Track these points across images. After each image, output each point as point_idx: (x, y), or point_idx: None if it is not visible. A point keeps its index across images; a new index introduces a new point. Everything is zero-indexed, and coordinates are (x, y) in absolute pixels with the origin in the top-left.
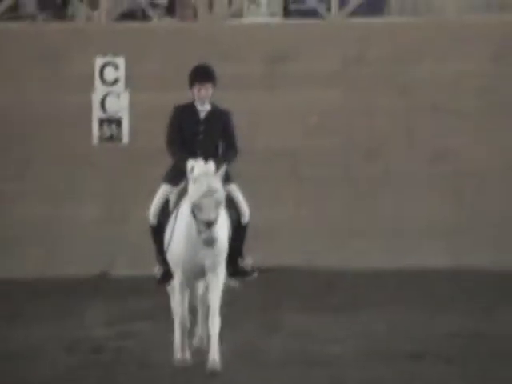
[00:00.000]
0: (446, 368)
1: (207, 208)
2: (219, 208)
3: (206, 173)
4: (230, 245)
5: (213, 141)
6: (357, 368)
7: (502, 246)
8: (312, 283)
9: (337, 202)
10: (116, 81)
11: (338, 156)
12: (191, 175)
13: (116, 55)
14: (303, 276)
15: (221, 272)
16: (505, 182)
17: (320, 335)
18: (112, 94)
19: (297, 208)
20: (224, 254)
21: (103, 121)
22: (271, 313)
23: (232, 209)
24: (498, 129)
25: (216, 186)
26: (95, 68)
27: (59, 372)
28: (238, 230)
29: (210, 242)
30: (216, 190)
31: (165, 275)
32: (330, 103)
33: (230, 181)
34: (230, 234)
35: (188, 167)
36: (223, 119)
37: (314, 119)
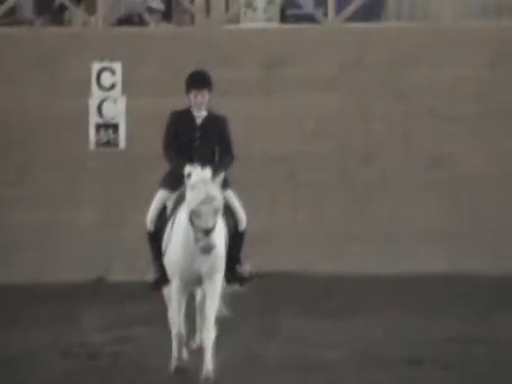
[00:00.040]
0: (444, 373)
1: (205, 215)
2: (217, 215)
3: (204, 180)
4: (228, 252)
5: (209, 147)
6: (354, 373)
7: (499, 251)
8: (309, 288)
9: (333, 207)
10: (113, 86)
11: (335, 161)
12: (189, 181)
13: (113, 60)
14: (300, 281)
15: (218, 280)
16: (501, 188)
17: (317, 340)
18: (109, 100)
19: (293, 213)
20: (221, 262)
21: (100, 126)
22: (268, 318)
23: (228, 216)
24: (495, 134)
25: (214, 194)
26: (92, 73)
27: (56, 377)
28: (235, 237)
29: (208, 250)
30: (214, 198)
31: (158, 281)
32: (327, 108)
33: (226, 187)
34: (227, 242)
35: (185, 173)
36: (219, 125)
37: (311, 124)
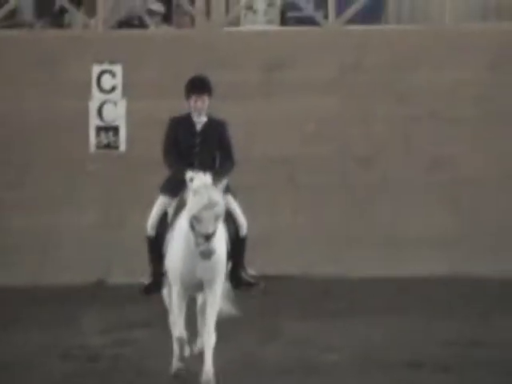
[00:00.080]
0: (444, 376)
1: (206, 221)
2: (218, 221)
3: (207, 185)
4: (231, 258)
5: (209, 153)
6: (354, 376)
7: (500, 254)
8: (309, 291)
9: (334, 210)
10: (113, 89)
11: (336, 163)
12: (191, 186)
13: (113, 63)
14: (301, 283)
15: (218, 285)
16: (502, 190)
17: (318, 343)
18: (109, 102)
19: (294, 215)
20: (222, 268)
21: (100, 129)
22: (269, 320)
23: (229, 221)
24: (496, 137)
25: (216, 199)
26: (92, 76)
27: (56, 380)
28: (237, 243)
29: (207, 255)
30: (216, 203)
31: (151, 286)
32: (327, 111)
33: (227, 192)
34: (228, 247)
35: (187, 178)
36: (219, 130)
37: (311, 126)
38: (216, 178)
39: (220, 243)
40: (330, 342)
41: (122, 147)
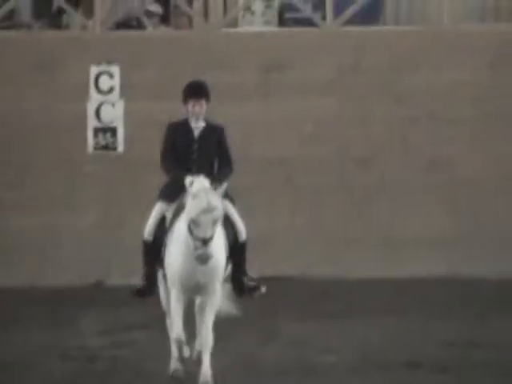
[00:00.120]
0: (442, 377)
1: (204, 225)
2: (216, 225)
3: (206, 189)
4: (231, 264)
5: (207, 159)
6: (352, 377)
7: (498, 255)
8: (308, 292)
9: (332, 211)
10: (111, 90)
11: (334, 164)
12: (190, 190)
13: (111, 64)
14: (299, 285)
15: (216, 289)
16: (500, 191)
17: (316, 344)
18: (107, 103)
19: (292, 217)
20: (221, 271)
21: (98, 130)
22: (267, 321)
23: (228, 226)
24: (494, 138)
25: (215, 204)
26: (90, 77)
27: (54, 381)
28: (237, 249)
29: (204, 259)
30: (215, 208)
31: (143, 289)
32: (325, 112)
33: (225, 197)
34: (228, 253)
35: (186, 183)
36: (217, 136)
37: (309, 128)
38: (215, 183)
39: (218, 247)
40: (329, 343)
41: (120, 148)
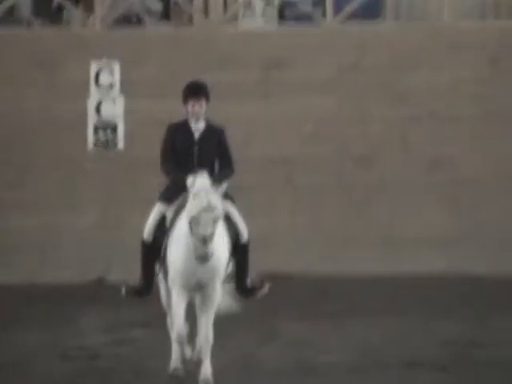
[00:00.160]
0: (442, 376)
1: (204, 223)
2: (216, 224)
3: (207, 188)
4: (235, 266)
5: (208, 160)
6: (352, 376)
7: (498, 254)
8: (308, 291)
9: (332, 210)
10: (111, 86)
11: (334, 163)
12: (192, 189)
13: (111, 60)
14: (299, 284)
15: (217, 288)
16: (501, 190)
17: (316, 343)
18: (107, 100)
19: (292, 216)
20: (221, 272)
21: (98, 126)
22: (267, 321)
23: (230, 228)
24: (495, 136)
25: (216, 203)
26: (90, 73)
27: (55, 379)
28: (239, 250)
29: (204, 258)
30: (216, 207)
31: (139, 289)
32: (326, 111)
33: (227, 199)
34: (230, 254)
35: (188, 183)
36: (217, 138)
37: (310, 127)
38: (216, 183)
39: (220, 247)
40: (328, 343)
41: (121, 145)
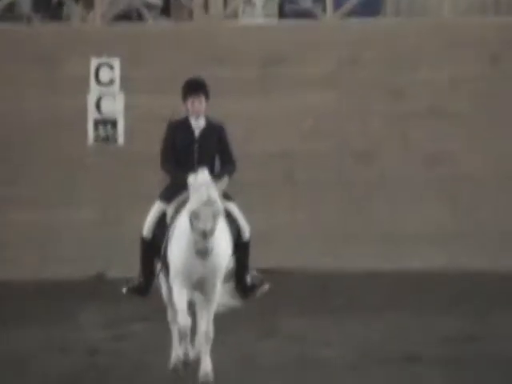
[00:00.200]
0: (442, 371)
1: (204, 217)
2: (216, 219)
3: (207, 183)
4: (236, 263)
5: (208, 158)
6: (352, 372)
7: (498, 250)
8: (307, 287)
9: (332, 206)
10: (111, 82)
11: (333, 159)
12: (192, 185)
13: (111, 56)
14: (299, 280)
15: (218, 284)
16: (500, 187)
17: (316, 339)
18: (107, 96)
19: (292, 211)
20: (222, 269)
21: (98, 122)
22: (267, 317)
23: (232, 226)
24: (495, 133)
25: (216, 197)
26: (90, 69)
27: (54, 374)
28: (240, 247)
29: (204, 253)
30: (215, 201)
31: (138, 287)
32: (326, 106)
33: (229, 199)
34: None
35: (189, 180)
36: (218, 135)
37: (309, 122)
38: (216, 178)
39: (221, 244)
40: (328, 338)
41: (121, 141)
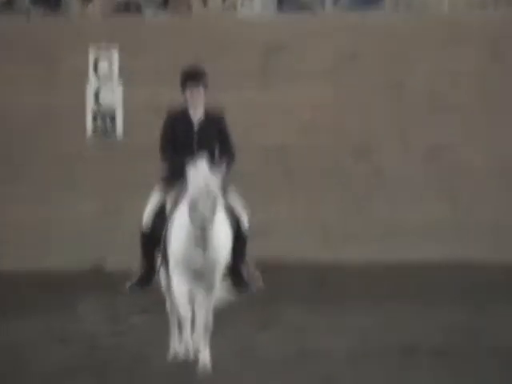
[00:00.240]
0: (440, 362)
1: (203, 207)
2: (215, 209)
3: (205, 172)
4: (232, 255)
5: (208, 148)
6: (352, 362)
7: (496, 242)
8: (307, 279)
9: (330, 198)
10: (110, 74)
11: (332, 152)
12: (191, 175)
13: (110, 49)
14: (298, 272)
15: (218, 275)
16: (499, 180)
17: (314, 330)
18: (106, 88)
19: (291, 204)
20: (222, 262)
21: (97, 114)
22: (266, 308)
23: (232, 219)
24: (495, 126)
25: (213, 185)
26: (89, 62)
27: (54, 365)
28: (238, 239)
29: (203, 243)
30: (214, 191)
31: (143, 279)
32: (324, 99)
33: (228, 190)
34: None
35: (188, 170)
36: (217, 126)
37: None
38: (215, 168)
39: (221, 234)
40: (328, 329)
41: (119, 132)
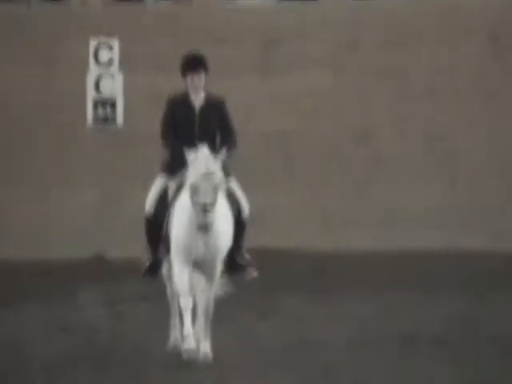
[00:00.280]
0: (440, 350)
1: (204, 191)
2: (216, 192)
3: (205, 156)
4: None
5: (209, 134)
6: (351, 351)
7: (497, 230)
8: (306, 267)
9: (330, 184)
10: (110, 63)
11: (332, 139)
12: (192, 161)
13: (110, 37)
14: (297, 260)
15: (219, 263)
16: (499, 166)
17: (313, 319)
18: (106, 76)
19: (290, 191)
20: (223, 249)
21: (98, 102)
22: (266, 297)
23: (233, 206)
24: (494, 112)
25: (214, 169)
26: (90, 50)
27: (54, 354)
28: (238, 225)
29: (205, 227)
30: (214, 172)
31: (152, 265)
32: (324, 85)
33: (229, 175)
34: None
35: (189, 157)
36: (218, 111)
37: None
38: (216, 154)
39: (223, 222)
40: (328, 318)
41: (120, 121)
